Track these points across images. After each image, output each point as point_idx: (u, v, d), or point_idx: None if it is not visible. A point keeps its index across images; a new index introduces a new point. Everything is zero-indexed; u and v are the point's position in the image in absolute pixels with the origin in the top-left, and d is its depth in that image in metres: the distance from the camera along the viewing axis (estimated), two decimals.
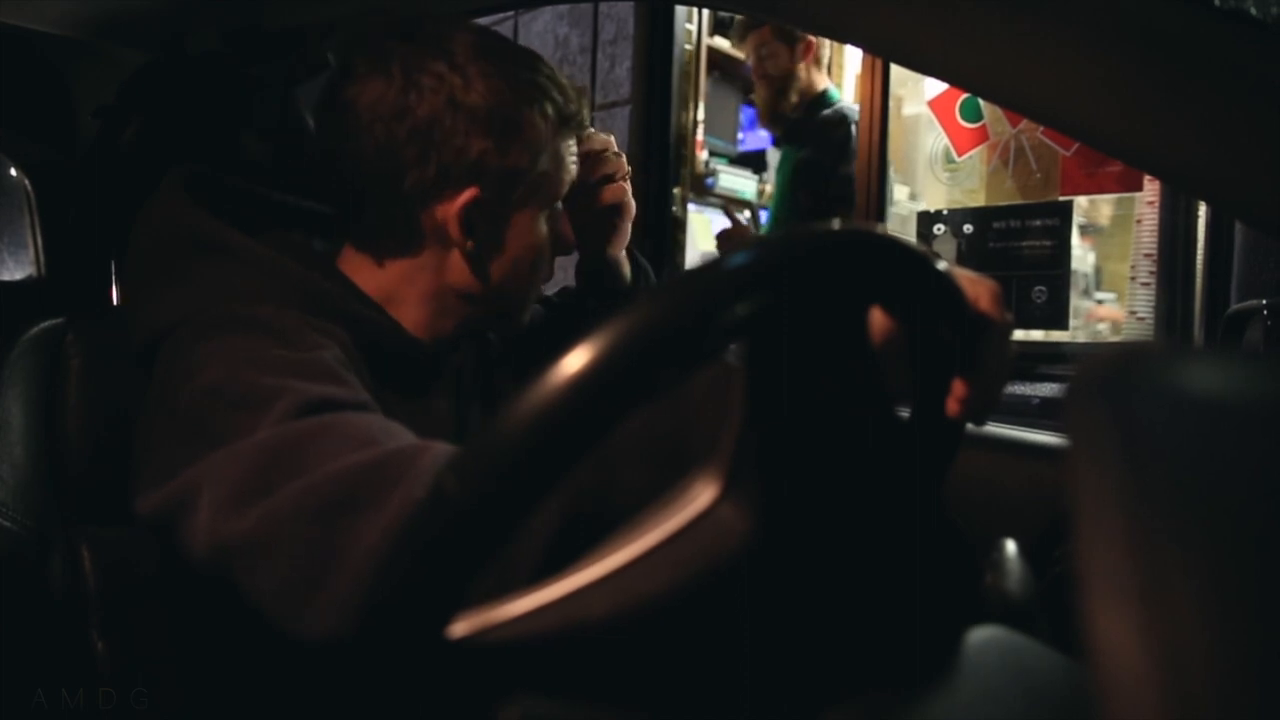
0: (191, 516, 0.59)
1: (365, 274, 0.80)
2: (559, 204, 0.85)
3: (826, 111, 2.35)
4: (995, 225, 1.82)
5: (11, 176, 0.91)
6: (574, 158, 0.84)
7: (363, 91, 0.75)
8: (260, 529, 0.56)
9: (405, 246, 0.79)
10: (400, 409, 0.70)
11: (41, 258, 0.94)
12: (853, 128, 2.22)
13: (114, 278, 1.01)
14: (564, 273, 0.97)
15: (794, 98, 2.37)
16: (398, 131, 0.74)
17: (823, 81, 2.41)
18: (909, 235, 1.80)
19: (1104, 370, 0.22)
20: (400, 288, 0.80)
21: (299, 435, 0.59)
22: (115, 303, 1.01)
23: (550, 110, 0.79)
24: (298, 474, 0.56)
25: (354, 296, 0.78)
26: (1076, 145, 1.68)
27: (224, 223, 0.75)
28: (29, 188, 0.92)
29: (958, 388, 0.54)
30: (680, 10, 2.35)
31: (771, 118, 2.41)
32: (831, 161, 2.28)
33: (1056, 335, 1.77)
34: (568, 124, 0.81)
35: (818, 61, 2.39)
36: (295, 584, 0.55)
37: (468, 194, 0.76)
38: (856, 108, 2.25)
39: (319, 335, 0.69)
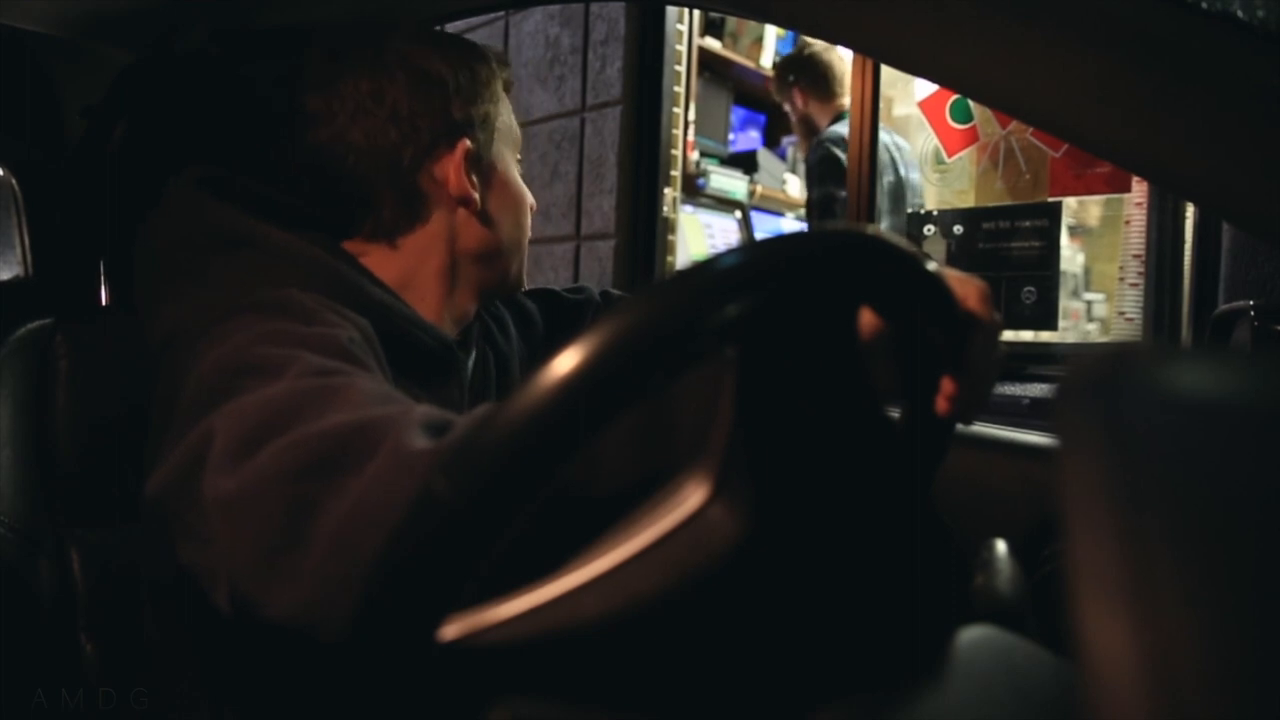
0: (197, 478, 0.56)
1: (380, 262, 0.81)
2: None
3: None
4: (985, 226, 1.82)
5: None
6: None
7: (334, 93, 0.79)
8: (244, 488, 0.53)
9: (415, 216, 0.82)
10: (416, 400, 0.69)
11: (29, 257, 0.93)
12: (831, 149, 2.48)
13: (103, 278, 1.01)
14: (556, 271, 0.96)
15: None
16: (379, 116, 0.79)
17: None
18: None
19: (1093, 370, 0.22)
20: (416, 268, 0.82)
21: (300, 394, 0.57)
22: (105, 303, 1.01)
23: (492, 64, 0.86)
24: (287, 432, 0.54)
25: (377, 284, 0.78)
26: (1065, 147, 1.69)
27: (246, 216, 0.76)
28: (15, 187, 0.91)
29: (947, 387, 0.54)
30: (671, 11, 2.35)
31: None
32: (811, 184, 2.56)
33: (1046, 335, 1.78)
34: (502, 74, 0.88)
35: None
36: (266, 549, 0.51)
37: (461, 146, 0.81)
38: (838, 130, 2.44)
39: (338, 317, 0.69)
